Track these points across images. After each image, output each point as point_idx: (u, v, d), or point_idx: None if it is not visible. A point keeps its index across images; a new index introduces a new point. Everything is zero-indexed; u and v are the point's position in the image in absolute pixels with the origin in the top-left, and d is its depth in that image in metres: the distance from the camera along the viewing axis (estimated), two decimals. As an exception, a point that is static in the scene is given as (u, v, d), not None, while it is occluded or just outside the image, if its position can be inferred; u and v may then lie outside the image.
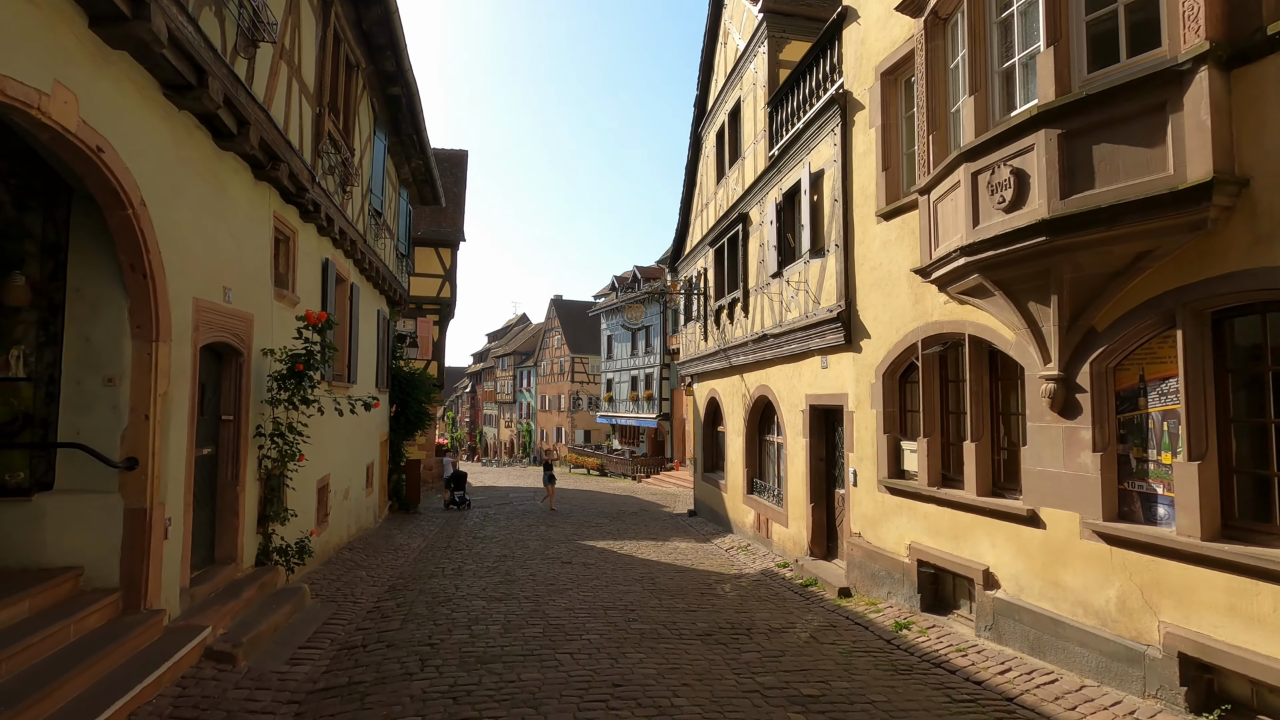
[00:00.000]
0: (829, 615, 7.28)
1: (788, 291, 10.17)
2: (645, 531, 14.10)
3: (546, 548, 11.65)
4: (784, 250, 10.44)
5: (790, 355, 10.10)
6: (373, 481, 14.36)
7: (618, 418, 41.00)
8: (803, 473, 9.72)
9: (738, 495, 13.16)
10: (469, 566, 9.76)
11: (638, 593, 8.18)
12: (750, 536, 12.23)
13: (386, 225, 13.64)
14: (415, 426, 17.79)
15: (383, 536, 12.70)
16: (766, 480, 12.15)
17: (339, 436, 10.85)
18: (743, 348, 12.35)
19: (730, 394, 13.79)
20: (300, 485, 8.49)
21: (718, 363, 14.21)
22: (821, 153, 9.01)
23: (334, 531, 10.56)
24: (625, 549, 11.72)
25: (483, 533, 13.56)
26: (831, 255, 8.66)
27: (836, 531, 9.23)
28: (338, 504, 10.83)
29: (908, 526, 7.11)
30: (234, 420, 6.85)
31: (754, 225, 11.96)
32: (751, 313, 11.96)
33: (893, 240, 7.42)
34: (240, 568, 6.84)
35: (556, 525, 14.81)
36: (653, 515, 17.44)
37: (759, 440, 12.59)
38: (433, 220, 26.73)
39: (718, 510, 14.77)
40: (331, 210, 9.33)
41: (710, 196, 15.09)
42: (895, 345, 7.36)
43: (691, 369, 16.85)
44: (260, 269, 7.31)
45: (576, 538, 13.00)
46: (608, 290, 46.64)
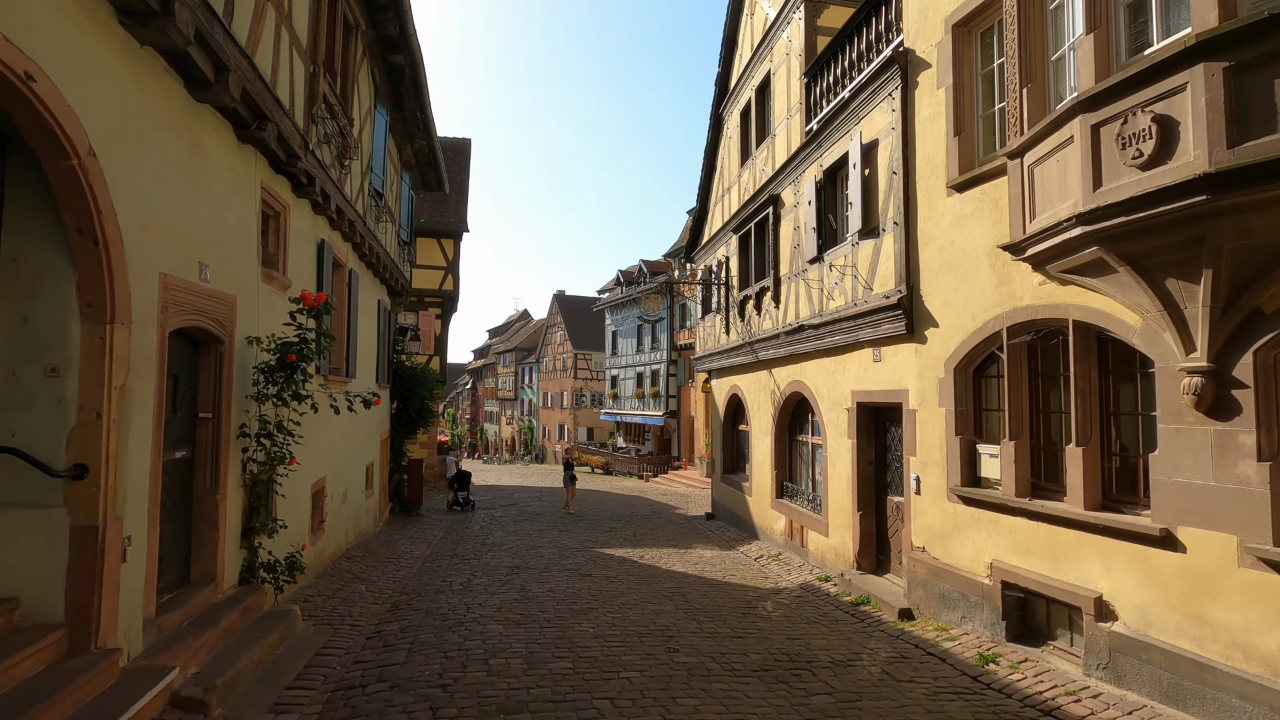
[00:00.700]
0: (895, 643, 6.37)
1: (830, 277, 9.25)
2: (664, 537, 13.19)
3: (561, 556, 10.74)
4: (825, 233, 9.51)
5: (833, 348, 9.18)
6: (373, 483, 13.44)
7: (623, 415, 40.09)
8: (847, 477, 8.81)
9: (764, 499, 12.25)
10: (479, 580, 8.85)
11: (671, 613, 7.27)
12: (780, 544, 11.32)
13: (388, 208, 12.71)
14: (417, 424, 16.87)
15: (384, 543, 11.79)
16: (799, 484, 11.23)
17: (336, 436, 9.93)
18: (772, 341, 11.43)
19: (756, 390, 12.88)
20: (292, 491, 7.57)
21: (742, 357, 13.29)
22: (875, 121, 8.08)
23: (330, 540, 9.65)
24: (647, 558, 10.81)
25: (490, 538, 12.65)
26: (888, 235, 7.73)
27: (889, 544, 8.31)
28: (335, 509, 9.92)
29: (987, 542, 6.20)
30: (213, 418, 5.93)
31: (786, 207, 11.03)
32: (784, 302, 11.04)
33: (968, 214, 6.50)
34: (220, 589, 5.92)
35: (569, 530, 13.90)
36: (667, 518, 16.54)
37: (789, 441, 11.67)
38: (435, 210, 25.80)
39: (740, 514, 13.86)
40: (328, 185, 8.40)
41: (733, 180, 14.15)
42: (971, 335, 6.44)
43: (710, 364, 15.94)
44: (245, 246, 6.38)
45: (592, 544, 12.10)
46: (612, 285, 45.70)
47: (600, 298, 46.82)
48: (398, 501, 16.61)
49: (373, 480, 13.47)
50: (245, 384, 6.34)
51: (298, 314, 6.44)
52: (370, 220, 11.39)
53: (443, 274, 25.40)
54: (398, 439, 16.65)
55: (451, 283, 25.39)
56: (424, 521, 15.18)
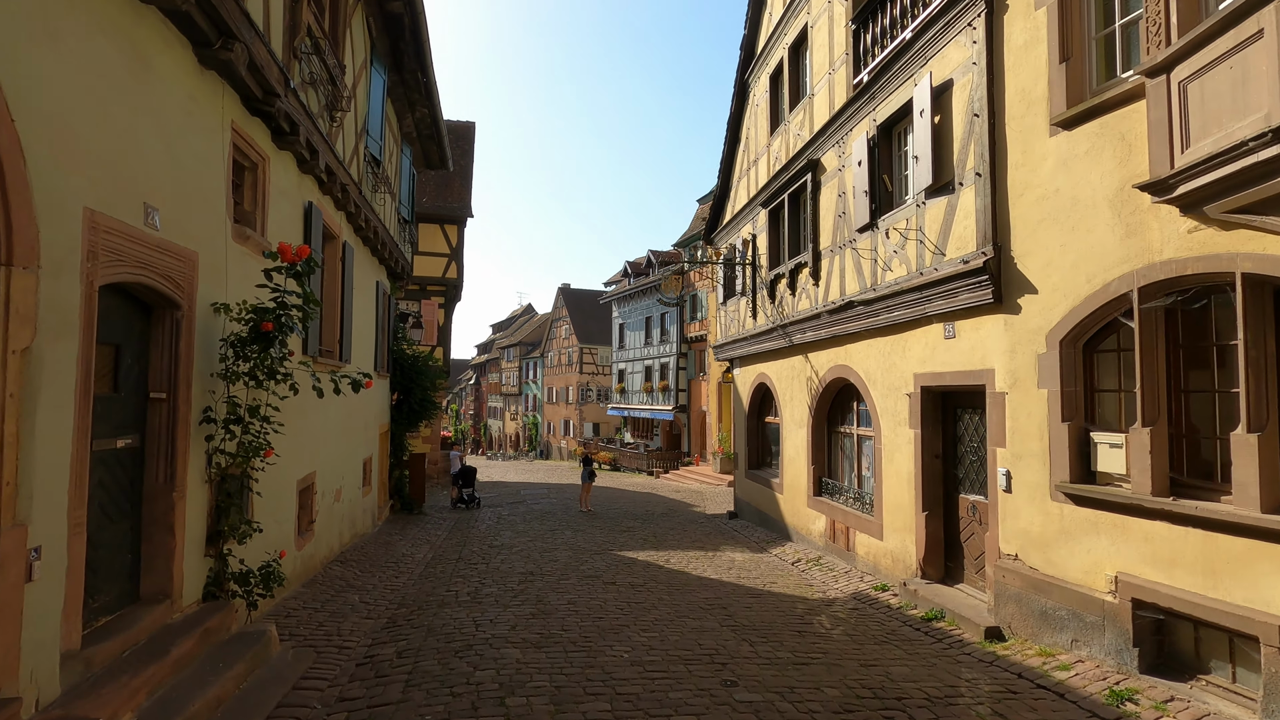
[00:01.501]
0: (992, 672, 5.28)
1: (886, 246, 8.15)
2: (687, 538, 12.12)
3: (579, 560, 9.66)
4: (879, 196, 8.40)
5: (890, 325, 8.08)
6: (371, 479, 12.39)
7: (630, 410, 39.00)
8: (909, 473, 7.72)
9: (798, 497, 11.16)
10: (489, 590, 7.77)
11: (716, 631, 6.19)
12: (819, 547, 10.24)
13: (386, 179, 11.62)
14: (420, 416, 15.80)
15: (382, 544, 10.74)
16: (841, 480, 10.14)
17: (329, 426, 8.87)
18: (810, 322, 10.33)
19: (788, 378, 11.79)
20: (272, 488, 6.51)
21: (771, 342, 12.20)
22: (948, 58, 6.97)
23: (322, 543, 8.59)
24: (673, 562, 9.73)
25: (499, 539, 11.58)
26: (966, 189, 6.63)
27: (961, 549, 7.22)
28: (326, 508, 8.86)
29: (1110, 551, 5.10)
30: (168, 400, 4.86)
31: (828, 173, 9.92)
32: (825, 279, 9.94)
33: (1079, 155, 5.39)
34: (177, 607, 4.86)
35: (583, 530, 12.83)
36: (686, 517, 15.46)
37: (829, 433, 10.58)
38: (437, 194, 24.73)
39: (768, 513, 12.78)
40: (315, 138, 7.32)
41: (760, 151, 13.04)
42: (1084, 300, 5.34)
43: (732, 352, 14.84)
44: (210, 195, 5.30)
45: (610, 546, 11.03)
46: (620, 276, 44.59)
47: (607, 290, 45.71)
48: (398, 499, 15.56)
49: (371, 476, 12.41)
50: (211, 359, 5.27)
51: (274, 273, 5.34)
52: (366, 189, 10.31)
53: (446, 261, 24.34)
54: (398, 432, 15.60)
55: (455, 270, 24.33)
56: (426, 521, 14.13)
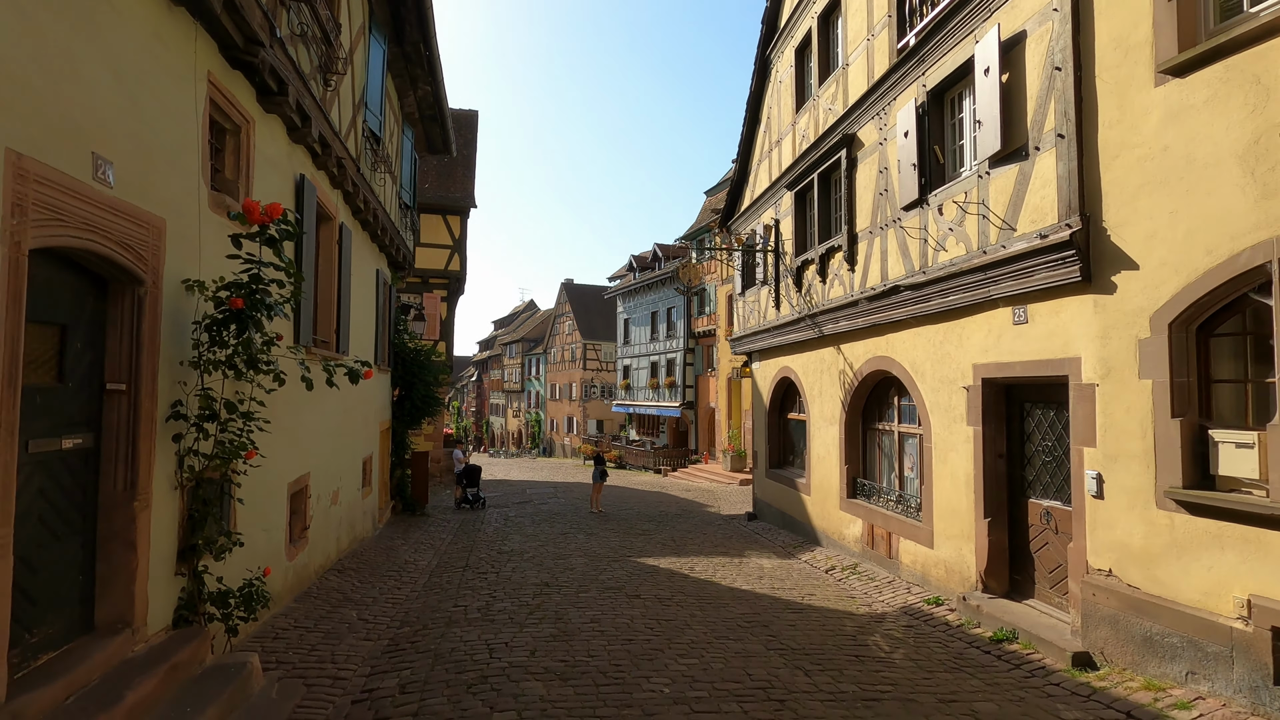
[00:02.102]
0: (1092, 709, 4.52)
1: (939, 223, 7.37)
2: (708, 542, 11.36)
3: (596, 568, 8.91)
4: (929, 169, 7.63)
5: (943, 311, 7.31)
6: (371, 479, 11.65)
7: (635, 406, 38.23)
8: (966, 475, 6.96)
9: (829, 499, 10.41)
10: (501, 604, 7.02)
11: (763, 656, 5.44)
12: (854, 553, 9.49)
13: (386, 159, 10.85)
14: (422, 413, 15.04)
15: (383, 550, 10.00)
16: (878, 481, 9.38)
17: (325, 423, 8.13)
18: (844, 310, 9.57)
19: (816, 371, 11.02)
20: (258, 493, 5.75)
21: (797, 333, 11.44)
22: (1020, 7, 6.19)
23: (317, 550, 7.85)
24: (699, 570, 8.98)
25: (508, 544, 10.83)
26: (1044, 154, 5.85)
27: (1030, 560, 6.46)
28: (322, 512, 8.12)
29: (1240, 569, 4.35)
30: (129, 392, 4.11)
31: (866, 148, 9.15)
32: (861, 263, 9.17)
33: (1198, 104, 4.62)
34: (140, 636, 4.11)
35: (596, 534, 12.08)
36: (702, 518, 14.71)
37: (863, 430, 9.82)
38: (440, 184, 23.99)
39: (793, 515, 12.03)
40: (306, 101, 6.56)
41: (784, 130, 12.26)
42: (1202, 276, 4.57)
43: (751, 345, 14.07)
44: (180, 153, 4.54)
45: (627, 552, 10.28)
46: (624, 271, 43.80)
47: (610, 286, 44.90)
48: (400, 500, 14.83)
49: (371, 476, 11.67)
50: (182, 345, 4.51)
51: (245, 239, 4.55)
52: (365, 167, 9.54)
53: (449, 253, 23.61)
54: (400, 430, 14.86)
55: (458, 263, 23.59)
56: (429, 523, 13.39)
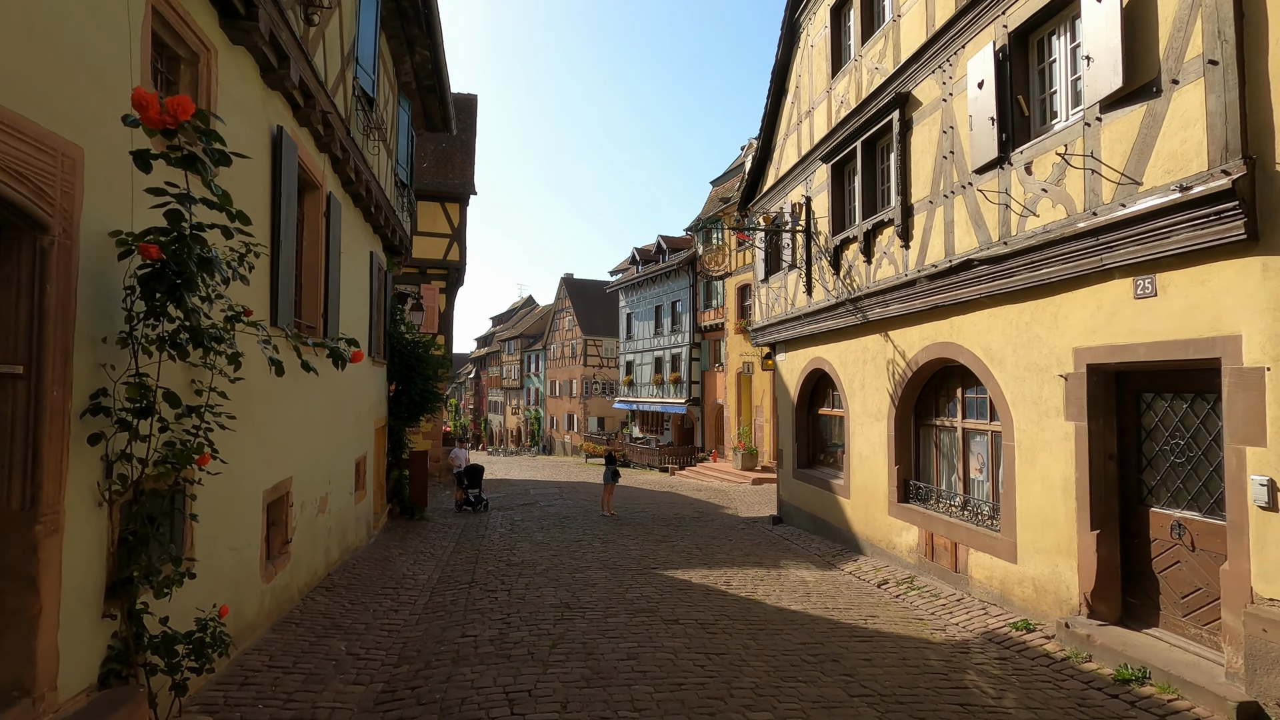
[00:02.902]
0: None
1: (1027, 184, 6.32)
2: (737, 550, 10.32)
3: (620, 584, 7.86)
4: (1011, 123, 6.58)
5: (1033, 287, 6.27)
6: (365, 481, 10.59)
7: (639, 403, 37.16)
8: (1066, 478, 5.92)
9: (874, 503, 9.38)
10: (517, 632, 5.96)
11: (847, 707, 4.40)
12: (908, 565, 8.45)
13: (380, 126, 9.76)
14: (420, 409, 13.98)
15: (378, 561, 8.94)
16: (936, 483, 8.35)
17: (310, 420, 7.06)
18: (896, 292, 8.52)
19: (857, 361, 9.98)
20: (223, 506, 4.68)
21: (833, 320, 10.39)
22: (1146, -85, 5.15)
23: (300, 566, 6.79)
24: (735, 585, 7.93)
25: (517, 554, 9.78)
26: (1187, 87, 4.80)
27: (1155, 581, 5.41)
28: (307, 523, 7.06)
29: None
30: (29, 377, 3.05)
31: (924, 108, 8.09)
32: (918, 238, 8.13)
33: None
34: (47, 705, 3.05)
35: (613, 541, 11.03)
36: (722, 522, 13.66)
37: (917, 426, 8.78)
38: (437, 171, 22.91)
39: (827, 520, 11.00)
40: (283, 34, 5.48)
41: (818, 98, 11.20)
42: None
43: (776, 335, 13.03)
44: (109, 69, 3.47)
45: (651, 562, 9.23)
46: (627, 264, 42.69)
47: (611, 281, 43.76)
48: (397, 502, 13.77)
49: (365, 478, 10.61)
50: (108, 316, 3.44)
51: (153, 157, 3.26)
52: (356, 131, 8.46)
53: (448, 242, 22.54)
54: (397, 428, 13.79)
55: (458, 252, 22.53)
56: (429, 528, 12.33)
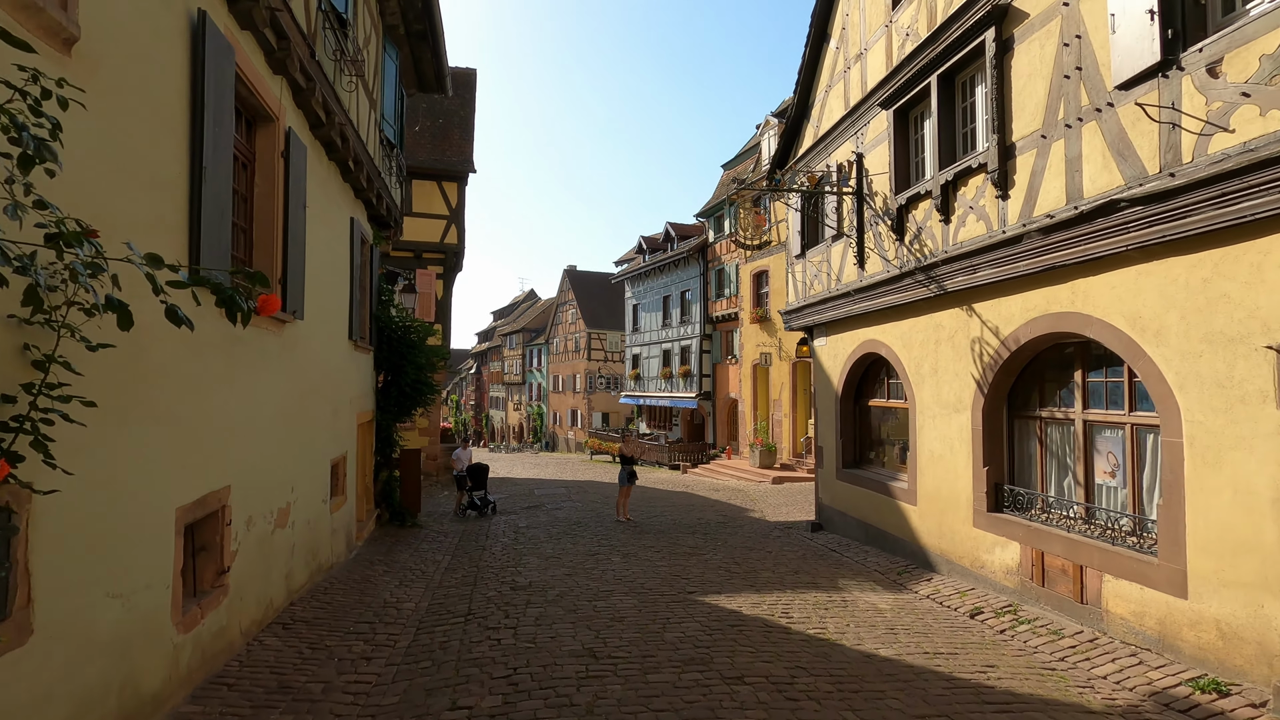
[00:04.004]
0: None
1: (1212, 92, 4.72)
2: (782, 566, 8.72)
3: (655, 617, 6.27)
4: (1182, 14, 4.98)
5: (1220, 228, 4.67)
6: (345, 486, 9.03)
7: (646, 397, 35.58)
8: (1277, 488, 4.34)
9: (953, 511, 7.81)
10: (529, 701, 4.35)
11: None
12: (1007, 589, 6.88)
13: (358, 63, 8.12)
14: (412, 403, 12.40)
15: (358, 582, 7.38)
16: (1042, 489, 6.77)
17: (260, 409, 5.47)
18: (990, 254, 6.94)
19: (928, 341, 8.40)
20: (95, 535, 3.08)
21: (896, 293, 8.81)
22: None
23: (246, 599, 5.20)
24: (796, 616, 6.35)
25: (524, 572, 8.19)
26: None
27: None
28: (256, 544, 5.47)
29: None
30: None
31: (1031, 21, 6.48)
32: (1022, 184, 6.54)
33: None
34: None
35: (636, 554, 9.44)
36: (753, 528, 12.08)
37: (1010, 417, 7.21)
38: (434, 147, 21.30)
39: (881, 528, 9.44)
40: None
41: (873, 38, 9.58)
42: None
43: (818, 315, 11.44)
44: None
45: (684, 582, 7.65)
46: (633, 253, 41.07)
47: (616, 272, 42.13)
48: (387, 507, 12.22)
49: (345, 482, 9.05)
50: None
51: None
52: (324, 55, 6.86)
53: (445, 224, 20.94)
54: (386, 422, 12.22)
55: (455, 235, 20.93)
56: (422, 538, 10.77)
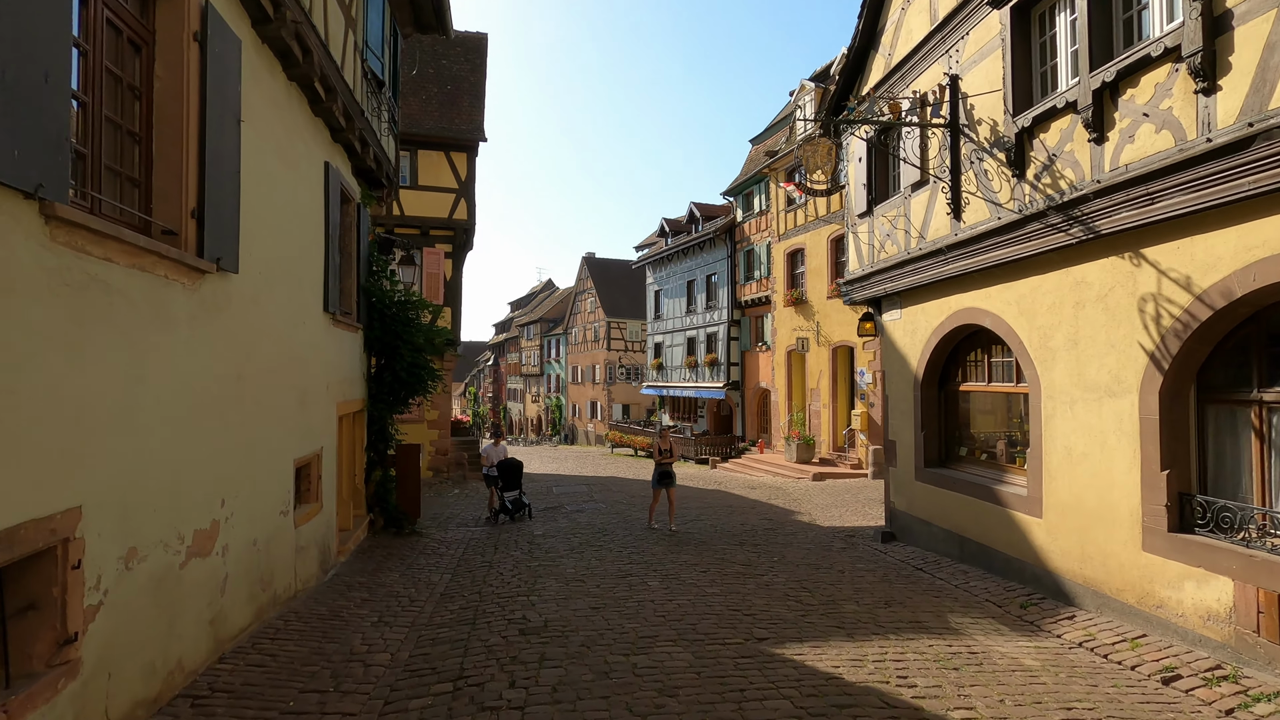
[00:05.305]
0: None
1: None
2: (864, 592, 6.83)
3: (720, 685, 4.42)
4: None
5: None
6: (317, 491, 7.28)
7: (669, 388, 33.70)
8: None
9: (1109, 530, 5.88)
10: None
11: None
12: (1204, 640, 4.96)
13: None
14: (410, 390, 10.65)
15: (320, 621, 5.61)
16: (1264, 502, 4.84)
17: (149, 394, 3.64)
18: (1179, 174, 4.99)
19: (1059, 305, 6.47)
20: None
21: (1012, 245, 6.88)
22: None
23: (128, 671, 3.37)
24: (920, 685, 4.48)
25: (538, 605, 6.37)
26: None
27: None
28: (145, 589, 3.65)
29: None
30: None
31: None
32: (1240, 67, 4.60)
33: None
34: None
35: (676, 574, 7.59)
36: (807, 536, 10.20)
37: (1201, 403, 5.27)
38: (443, 115, 19.46)
39: (985, 544, 7.53)
40: None
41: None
42: None
43: (888, 284, 9.50)
44: None
45: (748, 621, 5.79)
46: (655, 237, 39.16)
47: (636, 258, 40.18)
48: (381, 512, 10.50)
49: (318, 486, 7.30)
50: None
51: None
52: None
53: (454, 198, 19.15)
54: (380, 414, 10.49)
55: (465, 210, 19.14)
56: (419, 549, 9.02)
